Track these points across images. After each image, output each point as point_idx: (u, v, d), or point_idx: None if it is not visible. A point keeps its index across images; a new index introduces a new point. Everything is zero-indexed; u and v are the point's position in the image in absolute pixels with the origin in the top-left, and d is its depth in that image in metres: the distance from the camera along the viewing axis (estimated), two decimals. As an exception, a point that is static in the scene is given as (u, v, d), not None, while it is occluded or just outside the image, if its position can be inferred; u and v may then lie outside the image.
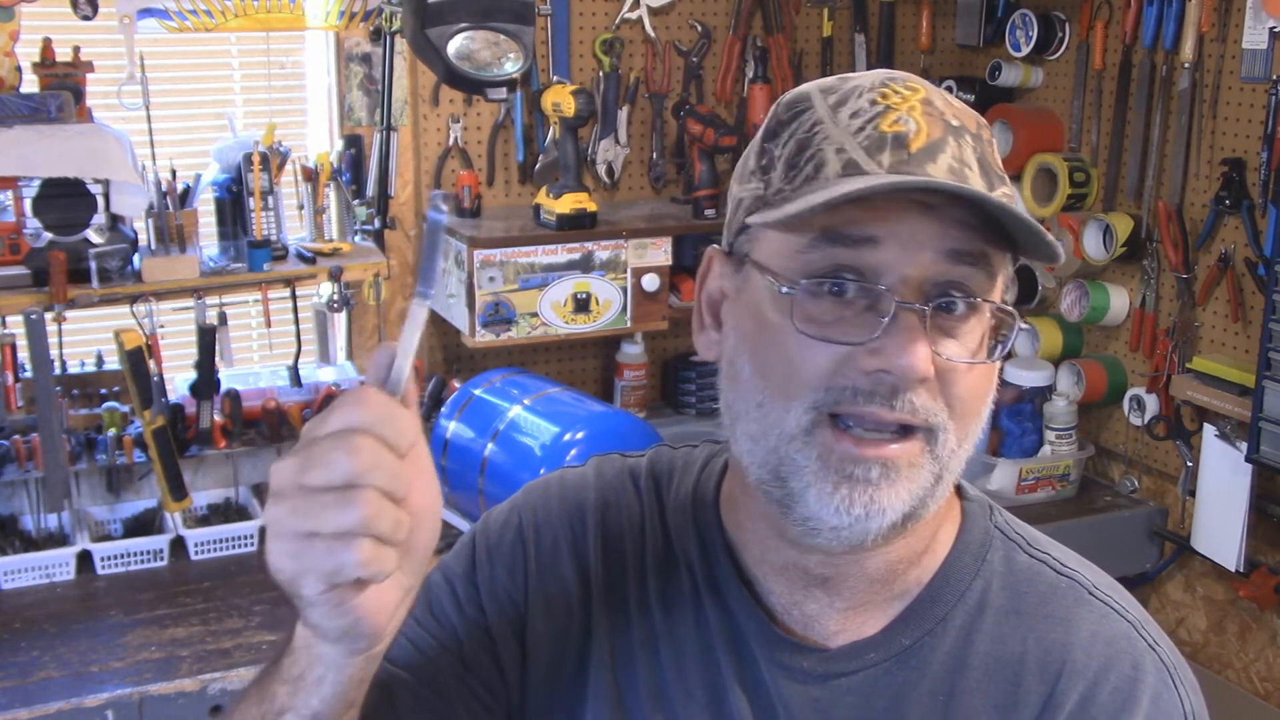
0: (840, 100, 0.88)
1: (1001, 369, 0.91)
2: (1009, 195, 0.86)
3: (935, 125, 0.85)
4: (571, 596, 1.00)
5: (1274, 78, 2.42)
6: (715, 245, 0.96)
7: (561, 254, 2.60)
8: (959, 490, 0.98)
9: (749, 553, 0.96)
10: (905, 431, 0.85)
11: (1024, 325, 0.80)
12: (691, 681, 0.96)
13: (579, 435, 2.28)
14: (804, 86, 0.92)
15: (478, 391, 2.50)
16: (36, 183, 2.32)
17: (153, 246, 2.47)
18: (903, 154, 0.84)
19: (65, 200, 2.34)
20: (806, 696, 0.93)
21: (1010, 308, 0.87)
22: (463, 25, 2.49)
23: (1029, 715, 0.90)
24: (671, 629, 0.97)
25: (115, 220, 2.40)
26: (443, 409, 2.54)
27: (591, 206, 2.63)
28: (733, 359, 0.91)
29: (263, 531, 2.64)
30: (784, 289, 0.85)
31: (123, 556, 2.45)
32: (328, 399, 2.63)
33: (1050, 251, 0.85)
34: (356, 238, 2.70)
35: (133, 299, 2.40)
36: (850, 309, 0.84)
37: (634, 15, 2.89)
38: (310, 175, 2.64)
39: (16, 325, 2.36)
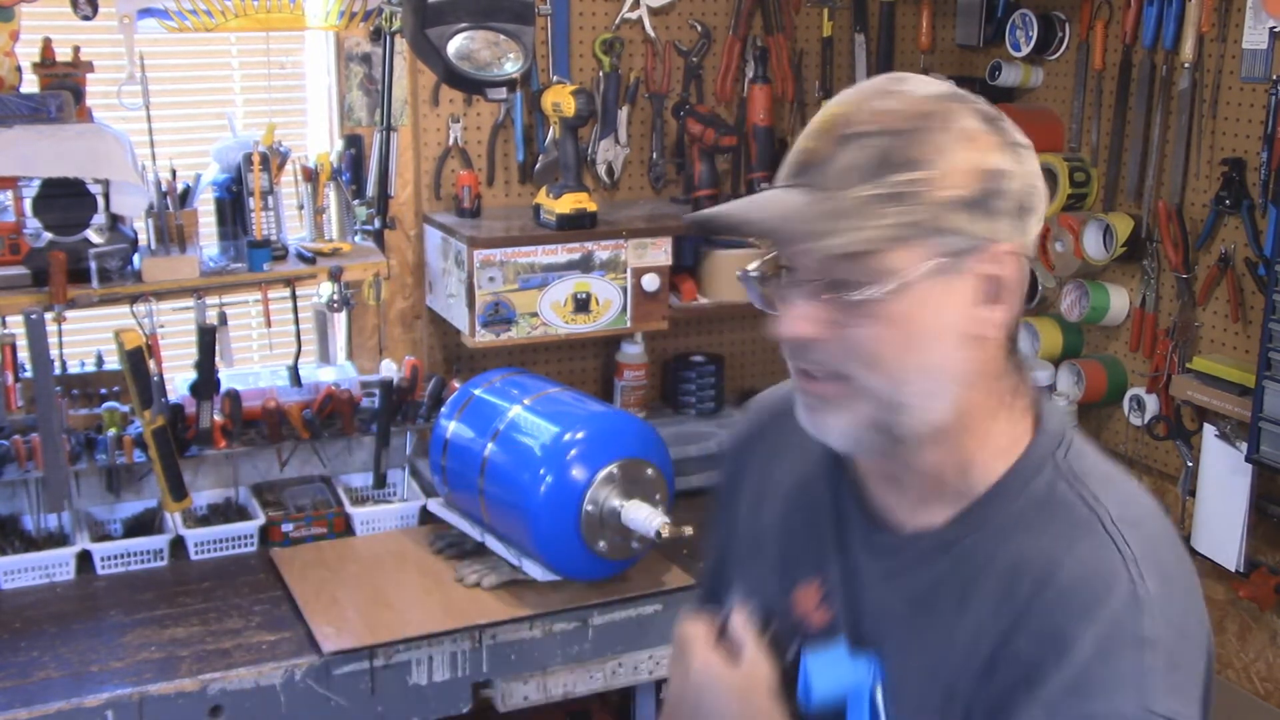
0: None
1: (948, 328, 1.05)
2: (908, 181, 1.00)
3: (823, 140, 1.04)
4: (744, 480, 1.31)
5: (1274, 78, 2.42)
6: None
7: (561, 254, 2.60)
8: (1040, 421, 1.12)
9: (860, 464, 1.18)
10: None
11: (859, 294, 1.03)
12: (804, 542, 1.21)
13: (579, 435, 2.28)
14: None
15: (478, 391, 2.50)
16: (36, 183, 2.32)
17: (153, 246, 2.48)
18: (785, 169, 1.07)
19: (65, 200, 2.34)
20: (877, 568, 1.14)
21: (837, 281, 1.03)
22: (463, 25, 2.49)
23: (1012, 614, 1.04)
24: (805, 515, 1.21)
25: (115, 220, 2.40)
26: (443, 409, 2.54)
27: (591, 206, 2.63)
28: None
29: (263, 531, 2.64)
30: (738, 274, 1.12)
31: (123, 556, 2.45)
32: (327, 399, 2.64)
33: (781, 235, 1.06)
34: (356, 238, 2.70)
35: (133, 299, 2.40)
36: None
37: (634, 15, 2.89)
38: (310, 175, 2.64)
39: (16, 325, 2.36)
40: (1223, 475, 2.53)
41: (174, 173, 2.49)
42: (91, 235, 2.37)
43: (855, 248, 1.00)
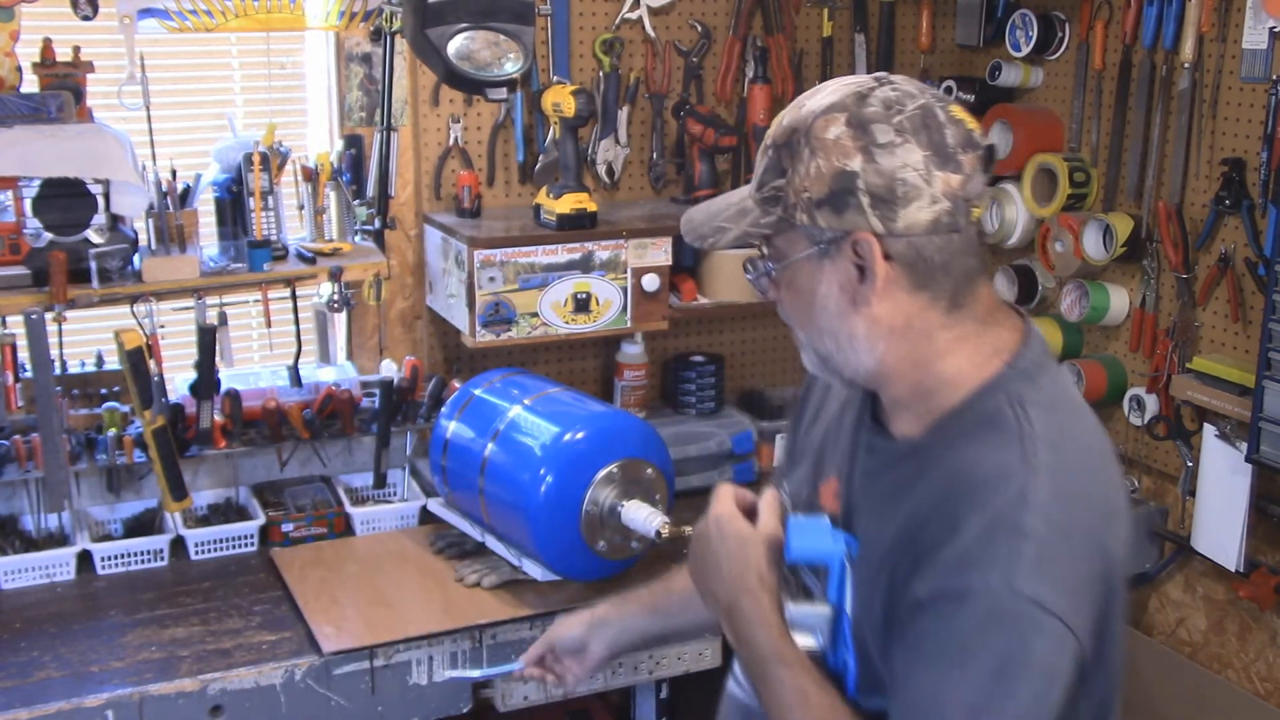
0: None
1: (840, 300, 1.30)
2: (776, 187, 1.28)
3: (760, 150, 1.32)
4: (811, 398, 1.56)
5: (1274, 78, 2.42)
6: None
7: (561, 254, 2.60)
8: (1014, 358, 1.31)
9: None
10: None
11: (763, 255, 1.36)
12: (834, 449, 1.45)
13: (579, 435, 2.28)
14: None
15: (478, 391, 2.50)
16: (36, 183, 2.32)
17: (153, 246, 2.48)
18: None
19: (65, 200, 2.34)
20: (868, 465, 1.38)
21: (759, 255, 1.35)
22: (463, 25, 2.49)
23: (934, 501, 1.25)
24: (841, 426, 1.45)
25: (115, 220, 2.40)
26: (443, 409, 2.54)
27: (591, 206, 2.63)
28: None
29: (263, 531, 2.66)
30: None
31: (123, 556, 2.45)
32: (327, 399, 2.64)
33: (697, 235, 1.37)
34: (356, 238, 2.70)
35: (133, 299, 2.41)
36: None
37: (634, 15, 2.89)
38: (310, 175, 2.64)
39: (16, 325, 2.36)
40: (1223, 475, 2.53)
41: (174, 173, 2.49)
42: (91, 235, 2.37)
43: (744, 240, 1.32)
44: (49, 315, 2.33)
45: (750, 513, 1.42)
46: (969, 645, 1.18)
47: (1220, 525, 2.56)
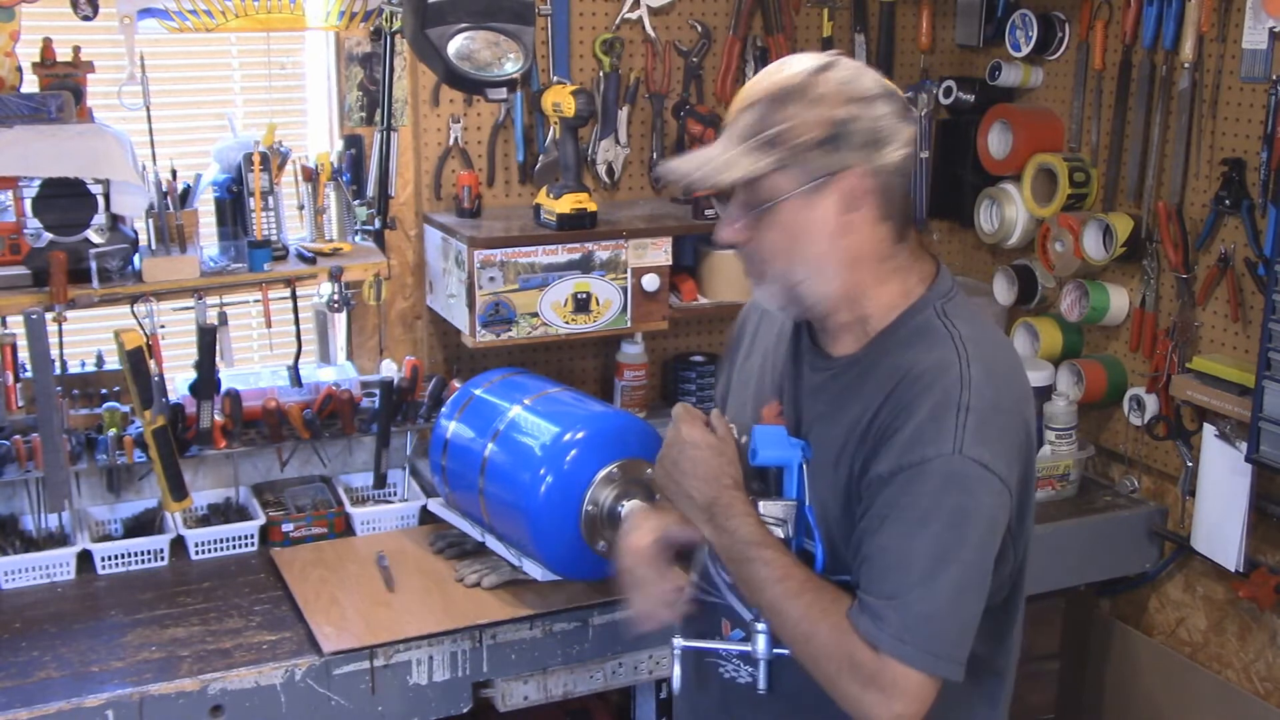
0: None
1: (807, 233, 1.49)
2: (770, 136, 1.45)
3: (734, 110, 1.51)
4: (744, 338, 1.78)
5: (1274, 78, 2.42)
6: None
7: (561, 254, 2.60)
8: (934, 282, 1.56)
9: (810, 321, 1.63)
10: None
11: (756, 210, 1.52)
12: (772, 376, 1.66)
13: (579, 435, 2.28)
14: None
15: (478, 391, 2.50)
16: (36, 183, 2.32)
17: (153, 246, 2.48)
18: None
19: (65, 200, 2.34)
20: (814, 380, 1.59)
21: (736, 201, 1.52)
22: (463, 25, 2.49)
23: (882, 396, 1.48)
24: (777, 357, 1.66)
25: (115, 220, 2.40)
26: (443, 409, 2.54)
27: (591, 206, 2.63)
28: None
29: (263, 531, 2.66)
30: None
31: (123, 556, 2.45)
32: (328, 399, 2.64)
33: (690, 183, 1.53)
34: (356, 238, 2.70)
35: (133, 299, 2.41)
36: None
37: (634, 15, 2.89)
38: (310, 175, 2.64)
39: (17, 325, 2.36)
40: (1223, 475, 2.53)
41: (174, 173, 2.49)
42: (92, 235, 2.37)
43: (740, 181, 1.48)
44: (49, 315, 2.32)
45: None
46: (929, 506, 1.41)
47: (1220, 525, 2.56)
